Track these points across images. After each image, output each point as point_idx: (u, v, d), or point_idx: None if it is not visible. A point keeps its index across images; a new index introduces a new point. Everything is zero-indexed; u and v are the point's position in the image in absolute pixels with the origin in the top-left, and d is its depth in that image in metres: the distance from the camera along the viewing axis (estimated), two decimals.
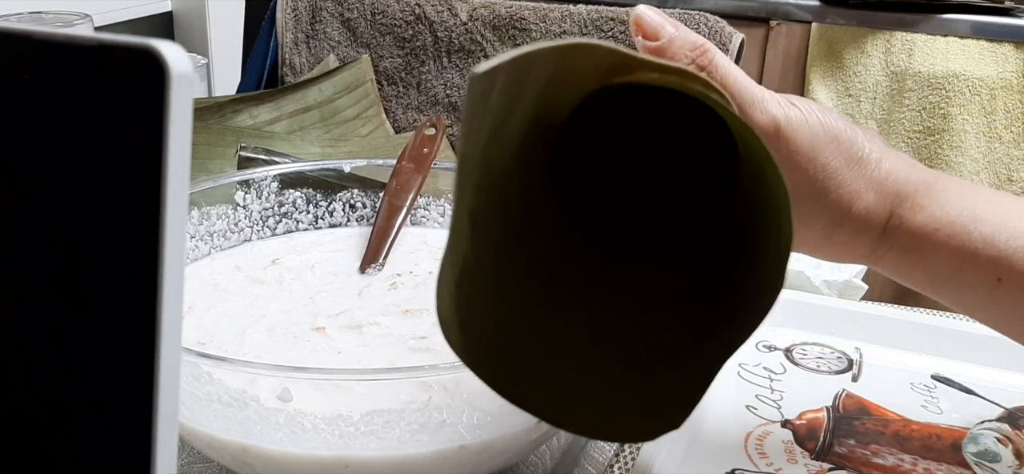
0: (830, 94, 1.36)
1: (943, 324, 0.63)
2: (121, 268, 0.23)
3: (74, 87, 0.23)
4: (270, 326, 0.52)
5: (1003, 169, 1.29)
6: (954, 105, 1.28)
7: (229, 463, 0.45)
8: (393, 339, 0.51)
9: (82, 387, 0.24)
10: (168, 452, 0.23)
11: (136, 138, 0.22)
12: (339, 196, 0.68)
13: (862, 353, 0.62)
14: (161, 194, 0.22)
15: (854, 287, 0.71)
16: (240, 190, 0.64)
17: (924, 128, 1.31)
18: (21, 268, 0.24)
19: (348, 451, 0.42)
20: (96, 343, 0.23)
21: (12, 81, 0.24)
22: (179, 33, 1.92)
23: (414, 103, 1.09)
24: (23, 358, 0.25)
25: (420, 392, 0.42)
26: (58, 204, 0.23)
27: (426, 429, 0.42)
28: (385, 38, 1.10)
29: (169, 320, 0.22)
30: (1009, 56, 1.26)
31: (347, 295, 0.56)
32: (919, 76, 1.30)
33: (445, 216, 0.68)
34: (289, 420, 0.42)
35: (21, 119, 0.24)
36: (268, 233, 0.65)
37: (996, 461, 0.52)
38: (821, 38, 1.36)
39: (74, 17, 1.00)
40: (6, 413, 0.25)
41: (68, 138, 0.23)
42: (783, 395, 0.57)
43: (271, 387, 0.42)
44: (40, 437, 0.25)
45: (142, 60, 0.22)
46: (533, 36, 1.03)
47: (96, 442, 0.24)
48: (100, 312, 0.23)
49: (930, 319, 0.65)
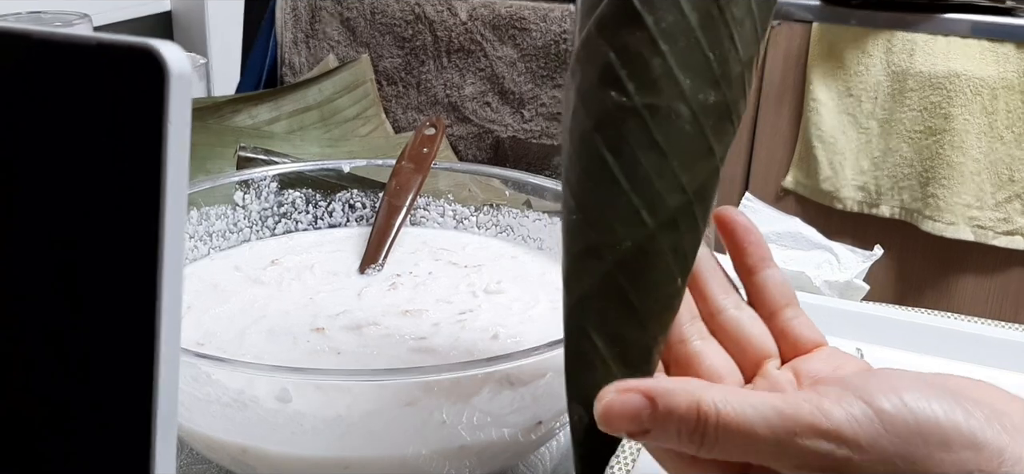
0: (831, 94, 1.36)
1: (944, 325, 0.63)
2: (120, 268, 0.23)
3: (74, 87, 0.23)
4: (269, 327, 0.52)
5: (1004, 169, 1.29)
6: (955, 105, 1.28)
7: (229, 464, 0.45)
8: (393, 339, 0.51)
9: (82, 387, 0.24)
10: (167, 452, 0.23)
11: (135, 138, 0.22)
12: (339, 196, 0.68)
13: (863, 354, 0.62)
14: (160, 194, 0.22)
15: (855, 288, 0.71)
16: (239, 190, 0.64)
17: (925, 128, 1.31)
18: (21, 268, 0.24)
19: (348, 451, 0.42)
20: (96, 343, 0.23)
21: (12, 81, 0.24)
22: (178, 33, 1.92)
23: (414, 103, 1.09)
24: (23, 358, 0.25)
25: (420, 393, 0.42)
26: (57, 204, 0.23)
27: (426, 429, 0.42)
28: (385, 38, 1.10)
29: (168, 320, 0.22)
30: (1010, 56, 1.26)
31: (347, 295, 0.56)
32: (920, 76, 1.30)
33: (445, 216, 0.68)
34: (289, 421, 0.42)
35: (21, 119, 0.24)
36: (267, 233, 0.65)
37: None
38: (821, 38, 1.36)
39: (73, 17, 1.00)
40: (6, 413, 0.25)
41: (68, 138, 0.23)
42: None
43: (270, 388, 0.42)
44: (40, 437, 0.24)
45: (141, 60, 0.22)
46: (533, 36, 1.03)
47: (96, 442, 0.24)
48: (100, 312, 0.23)
49: (931, 320, 0.65)
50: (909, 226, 1.35)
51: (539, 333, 0.51)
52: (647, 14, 0.31)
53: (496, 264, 0.62)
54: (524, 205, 0.66)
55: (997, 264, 1.33)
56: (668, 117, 0.32)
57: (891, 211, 1.36)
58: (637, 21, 0.31)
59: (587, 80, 0.32)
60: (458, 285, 0.58)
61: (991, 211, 1.30)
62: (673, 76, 0.31)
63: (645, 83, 0.31)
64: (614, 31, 0.31)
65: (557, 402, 0.43)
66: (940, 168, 1.29)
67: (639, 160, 0.32)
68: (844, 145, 1.37)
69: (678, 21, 0.31)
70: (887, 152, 1.34)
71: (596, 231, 0.33)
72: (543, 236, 0.64)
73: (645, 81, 0.31)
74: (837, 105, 1.37)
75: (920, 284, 1.38)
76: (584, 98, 0.33)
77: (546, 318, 0.53)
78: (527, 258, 0.63)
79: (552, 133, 1.04)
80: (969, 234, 1.31)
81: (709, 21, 0.31)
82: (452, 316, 0.53)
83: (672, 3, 0.31)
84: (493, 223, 0.67)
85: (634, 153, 0.32)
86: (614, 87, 0.32)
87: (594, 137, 0.32)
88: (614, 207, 0.33)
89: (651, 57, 0.31)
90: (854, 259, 0.73)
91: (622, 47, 0.31)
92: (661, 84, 0.31)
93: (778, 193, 1.43)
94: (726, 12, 0.31)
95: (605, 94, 0.32)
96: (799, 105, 1.40)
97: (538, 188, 0.65)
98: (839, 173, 1.37)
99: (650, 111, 0.32)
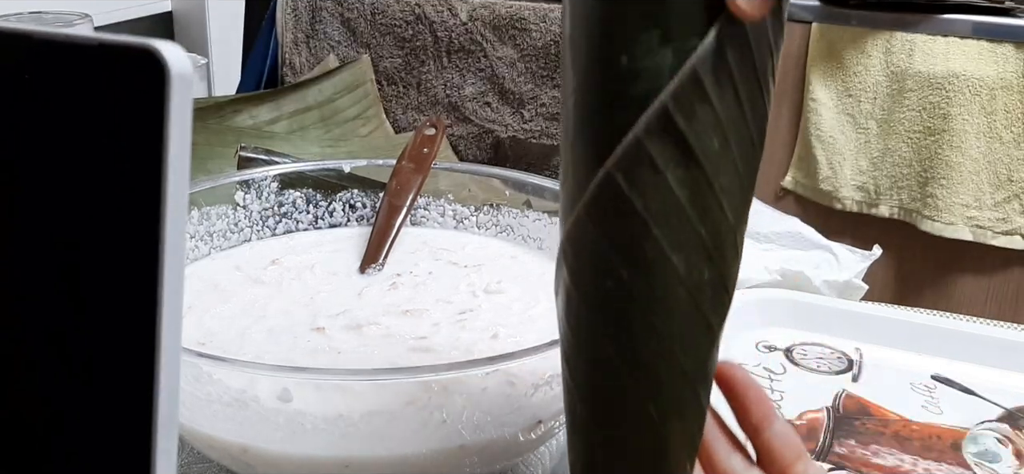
0: (830, 94, 1.36)
1: (943, 324, 0.63)
2: (121, 268, 0.23)
3: (74, 87, 0.23)
4: (270, 326, 0.52)
5: (1003, 169, 1.29)
6: (954, 105, 1.28)
7: (229, 463, 0.45)
8: (393, 339, 0.51)
9: (82, 387, 0.24)
10: (168, 452, 0.23)
11: (136, 138, 0.22)
12: (339, 196, 0.68)
13: (862, 353, 0.62)
14: (161, 194, 0.22)
15: (854, 287, 0.71)
16: (240, 190, 0.64)
17: (924, 128, 1.31)
18: (21, 268, 0.24)
19: (348, 451, 0.42)
20: (96, 343, 0.23)
21: (12, 81, 0.24)
22: (179, 33, 1.92)
23: (414, 103, 1.09)
24: (24, 358, 0.25)
25: (420, 392, 0.42)
26: (58, 204, 0.23)
27: (426, 429, 0.42)
28: (385, 38, 1.10)
29: (169, 320, 0.22)
30: (1009, 56, 1.26)
31: (347, 295, 0.56)
32: (919, 76, 1.30)
33: (445, 216, 0.68)
34: (289, 420, 0.42)
35: (21, 119, 0.24)
36: (268, 233, 0.65)
37: (996, 461, 0.52)
38: (821, 38, 1.36)
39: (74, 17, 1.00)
40: (6, 413, 0.25)
41: (68, 138, 0.23)
42: (783, 395, 0.57)
43: (271, 387, 0.42)
44: (40, 437, 0.25)
45: (142, 60, 0.22)
46: (533, 36, 1.03)
47: (96, 442, 0.24)
48: (100, 312, 0.23)
49: (930, 319, 0.65)
50: (908, 226, 1.35)
51: (539, 333, 0.51)
52: (636, 197, 0.29)
53: (496, 264, 0.62)
54: (524, 205, 0.66)
55: (996, 264, 1.33)
56: (665, 301, 0.31)
57: (890, 211, 1.36)
58: (626, 205, 0.29)
59: (580, 266, 0.31)
60: (458, 285, 0.58)
61: (990, 211, 1.30)
62: (666, 257, 0.30)
63: (640, 269, 0.30)
64: (603, 216, 0.30)
65: (557, 402, 0.43)
66: (939, 168, 1.29)
67: (639, 349, 0.31)
68: (843, 145, 1.37)
69: (667, 199, 0.29)
70: (886, 152, 1.34)
71: (604, 430, 0.33)
72: (543, 236, 0.65)
73: (639, 266, 0.30)
74: (836, 105, 1.37)
75: (919, 284, 1.38)
76: (578, 285, 0.32)
77: (546, 318, 0.53)
78: (527, 258, 0.63)
79: (552, 133, 1.04)
80: (968, 234, 1.31)
81: (698, 195, 0.30)
82: (452, 316, 0.53)
83: (660, 182, 0.29)
84: (493, 223, 0.67)
85: (634, 343, 0.31)
86: (609, 277, 0.31)
87: (593, 325, 0.32)
88: (621, 404, 0.32)
89: (643, 240, 0.30)
90: (853, 259, 0.73)
91: (613, 233, 0.30)
92: (656, 268, 0.30)
93: (777, 193, 1.43)
94: (714, 183, 0.30)
95: (600, 282, 0.31)
96: (798, 105, 1.40)
97: (538, 188, 0.65)
98: (838, 173, 1.37)
99: (647, 298, 0.30)
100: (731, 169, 0.30)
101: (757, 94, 0.30)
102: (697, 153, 0.29)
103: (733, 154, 0.30)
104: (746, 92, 0.29)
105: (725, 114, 0.29)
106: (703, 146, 0.29)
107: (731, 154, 0.30)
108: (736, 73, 0.29)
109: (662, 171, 0.29)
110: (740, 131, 0.30)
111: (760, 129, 0.31)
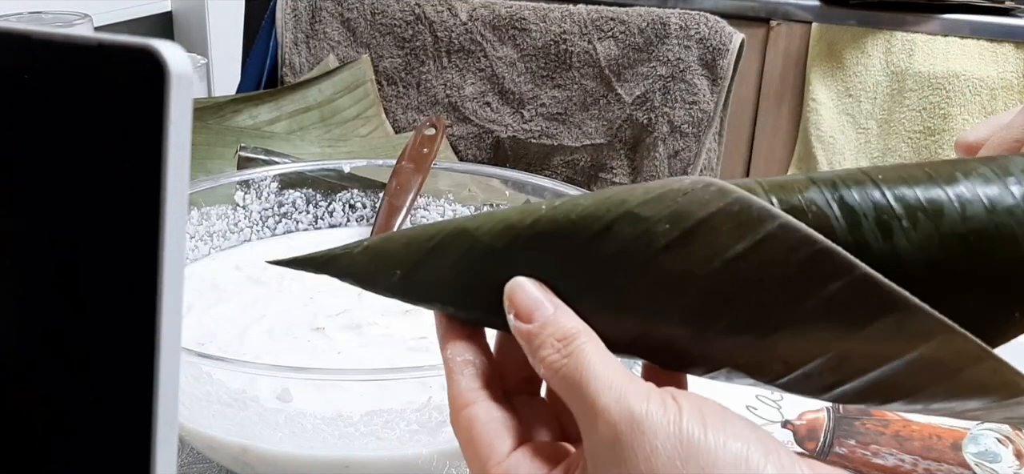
0: (830, 94, 1.37)
1: None
2: (121, 268, 0.23)
3: (74, 87, 0.23)
4: (270, 326, 0.52)
5: None
6: (954, 105, 1.28)
7: (229, 463, 0.45)
8: (393, 339, 0.51)
9: (82, 387, 0.24)
10: (168, 452, 0.23)
11: (136, 138, 0.22)
12: (339, 196, 0.68)
13: None
14: (161, 194, 0.22)
15: None
16: (240, 190, 0.64)
17: (924, 128, 1.31)
18: (21, 268, 0.24)
19: (348, 451, 0.42)
20: (96, 343, 0.23)
21: (12, 81, 0.24)
22: (179, 33, 1.92)
23: (414, 103, 1.09)
24: (23, 358, 0.25)
25: (420, 392, 0.42)
26: (58, 204, 0.23)
27: (426, 429, 0.42)
28: (385, 38, 1.10)
29: (169, 320, 0.22)
30: (1009, 56, 1.26)
31: (347, 295, 0.56)
32: (919, 76, 1.30)
33: (445, 216, 0.68)
34: (289, 420, 0.42)
35: (21, 119, 0.24)
36: (268, 233, 0.65)
37: (996, 461, 0.52)
38: (821, 38, 1.36)
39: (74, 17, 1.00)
40: (6, 413, 0.25)
41: (68, 138, 0.23)
42: (783, 395, 0.57)
43: (271, 387, 0.42)
44: (40, 437, 0.24)
45: (142, 60, 0.22)
46: (533, 36, 1.03)
47: (96, 442, 0.24)
48: (100, 312, 0.23)
49: None
50: None
51: None
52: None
53: None
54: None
55: None
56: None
57: None
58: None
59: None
60: None
61: None
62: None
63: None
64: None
65: None
66: None
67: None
68: (843, 145, 1.37)
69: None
70: (886, 152, 1.34)
71: None
72: None
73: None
74: (836, 105, 1.37)
75: None
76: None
77: None
78: None
79: (552, 133, 1.04)
80: None
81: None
82: None
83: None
84: None
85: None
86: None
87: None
88: None
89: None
90: None
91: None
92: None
93: None
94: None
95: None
96: (798, 105, 1.40)
97: (538, 188, 0.65)
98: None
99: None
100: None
101: None
102: None
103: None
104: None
105: None
106: None
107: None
108: None
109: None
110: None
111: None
